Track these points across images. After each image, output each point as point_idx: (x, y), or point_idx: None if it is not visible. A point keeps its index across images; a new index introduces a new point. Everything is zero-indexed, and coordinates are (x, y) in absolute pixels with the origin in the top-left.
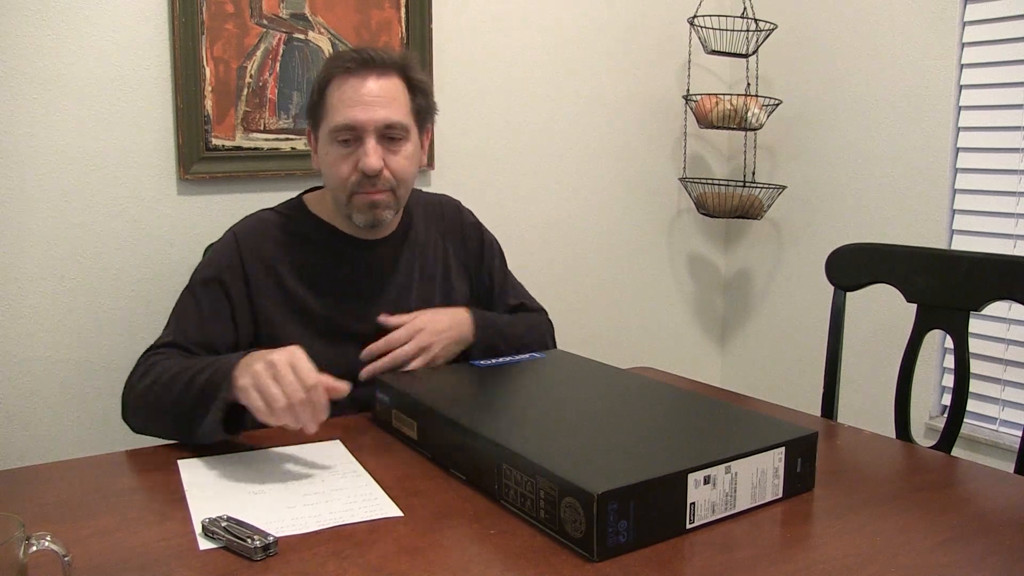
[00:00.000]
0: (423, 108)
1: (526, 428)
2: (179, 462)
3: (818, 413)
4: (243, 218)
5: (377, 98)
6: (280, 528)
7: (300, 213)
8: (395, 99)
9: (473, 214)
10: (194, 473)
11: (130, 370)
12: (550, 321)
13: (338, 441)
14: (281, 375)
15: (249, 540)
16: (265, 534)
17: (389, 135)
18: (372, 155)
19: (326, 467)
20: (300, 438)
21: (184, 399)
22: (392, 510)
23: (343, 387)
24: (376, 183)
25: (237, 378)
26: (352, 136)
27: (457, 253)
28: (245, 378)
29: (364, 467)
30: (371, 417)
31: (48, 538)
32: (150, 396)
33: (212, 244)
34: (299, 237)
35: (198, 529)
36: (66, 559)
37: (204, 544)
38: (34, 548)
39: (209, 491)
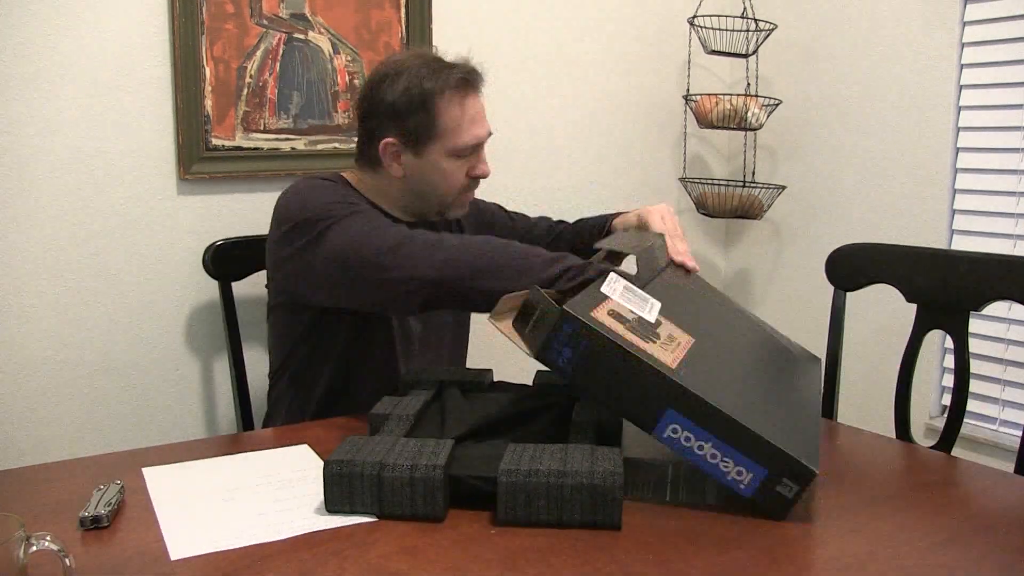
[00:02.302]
0: None
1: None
2: (143, 470)
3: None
4: (306, 177)
5: (484, 112)
6: (255, 536)
7: (350, 189)
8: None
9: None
10: (159, 482)
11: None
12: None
13: (306, 446)
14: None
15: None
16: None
17: None
18: (488, 163)
19: (297, 472)
20: (266, 444)
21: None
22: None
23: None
24: (477, 184)
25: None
26: (472, 151)
27: (470, 231)
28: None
29: None
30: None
31: (48, 538)
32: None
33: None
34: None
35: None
36: (66, 559)
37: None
38: (34, 548)
39: (178, 500)
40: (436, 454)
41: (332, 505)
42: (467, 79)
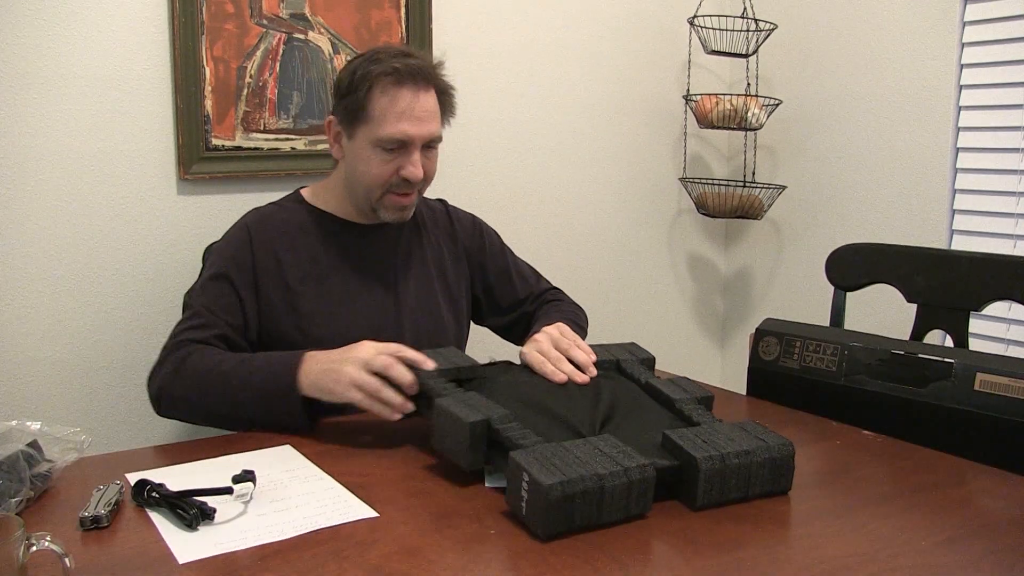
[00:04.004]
0: (448, 111)
1: None
2: (127, 476)
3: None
4: (247, 213)
5: (425, 113)
6: (254, 536)
7: (298, 205)
8: (436, 113)
9: (462, 210)
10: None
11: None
12: (573, 301)
13: (288, 447)
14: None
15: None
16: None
17: (427, 144)
18: (418, 167)
19: (286, 473)
20: (249, 445)
21: (247, 394)
22: (366, 511)
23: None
24: (412, 187)
25: (334, 386)
26: (398, 146)
27: (450, 246)
28: (352, 392)
29: (332, 471)
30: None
31: (48, 538)
32: (203, 386)
33: (212, 244)
34: (301, 226)
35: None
36: (66, 559)
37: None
38: (34, 548)
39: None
40: (626, 453)
41: (552, 528)
42: (402, 70)
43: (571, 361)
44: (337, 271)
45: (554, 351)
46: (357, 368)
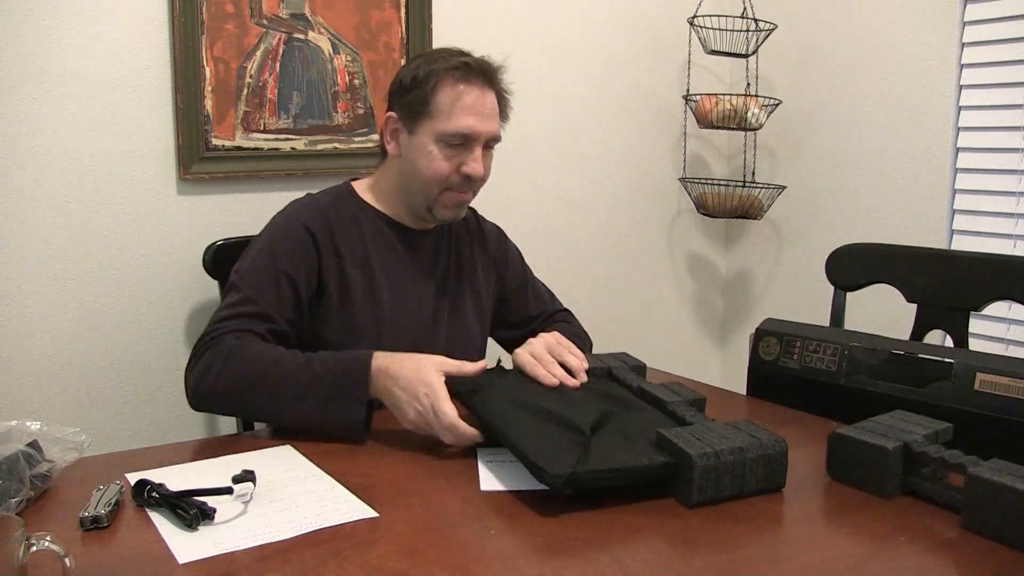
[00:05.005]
0: (504, 115)
1: None
2: (127, 476)
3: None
4: (299, 202)
5: (491, 110)
6: (255, 536)
7: (351, 198)
8: (497, 112)
9: (489, 221)
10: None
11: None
12: (580, 325)
13: (288, 447)
14: (430, 423)
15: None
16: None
17: (487, 144)
18: (480, 163)
19: (286, 473)
20: (249, 446)
21: (307, 403)
22: (366, 511)
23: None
24: (471, 185)
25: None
26: (462, 141)
27: (480, 255)
28: (409, 413)
29: (332, 471)
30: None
31: (48, 538)
32: (254, 383)
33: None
34: (354, 220)
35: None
36: (66, 559)
37: (187, 556)
38: (34, 548)
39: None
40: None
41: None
42: (470, 65)
43: (563, 366)
44: (384, 271)
45: (547, 355)
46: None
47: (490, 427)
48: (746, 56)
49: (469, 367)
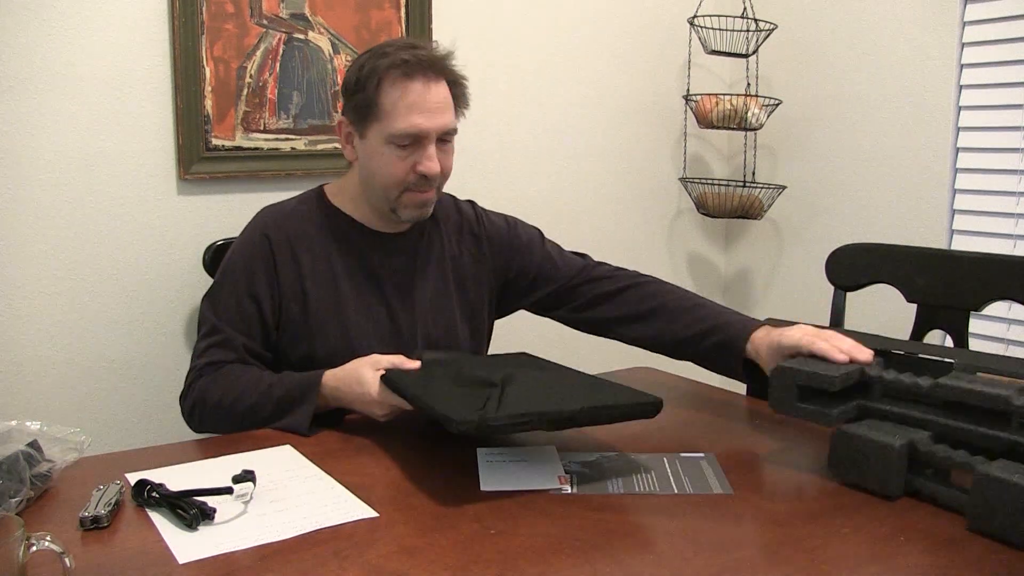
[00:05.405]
0: (461, 103)
1: None
2: (127, 476)
3: None
4: (264, 210)
5: (437, 104)
6: (255, 536)
7: (318, 203)
8: (449, 104)
9: (494, 212)
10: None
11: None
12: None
13: (288, 447)
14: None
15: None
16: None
17: (442, 138)
18: (435, 161)
19: (286, 473)
20: (249, 446)
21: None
22: (366, 511)
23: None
24: (431, 183)
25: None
26: (412, 140)
27: (471, 251)
28: (374, 409)
29: (332, 471)
30: None
31: (48, 538)
32: (229, 417)
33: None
34: (319, 227)
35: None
36: (66, 559)
37: (187, 556)
38: (34, 548)
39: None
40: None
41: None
42: (409, 60)
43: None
44: (350, 277)
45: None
46: (375, 407)
47: (407, 395)
48: (746, 56)
49: (408, 363)
